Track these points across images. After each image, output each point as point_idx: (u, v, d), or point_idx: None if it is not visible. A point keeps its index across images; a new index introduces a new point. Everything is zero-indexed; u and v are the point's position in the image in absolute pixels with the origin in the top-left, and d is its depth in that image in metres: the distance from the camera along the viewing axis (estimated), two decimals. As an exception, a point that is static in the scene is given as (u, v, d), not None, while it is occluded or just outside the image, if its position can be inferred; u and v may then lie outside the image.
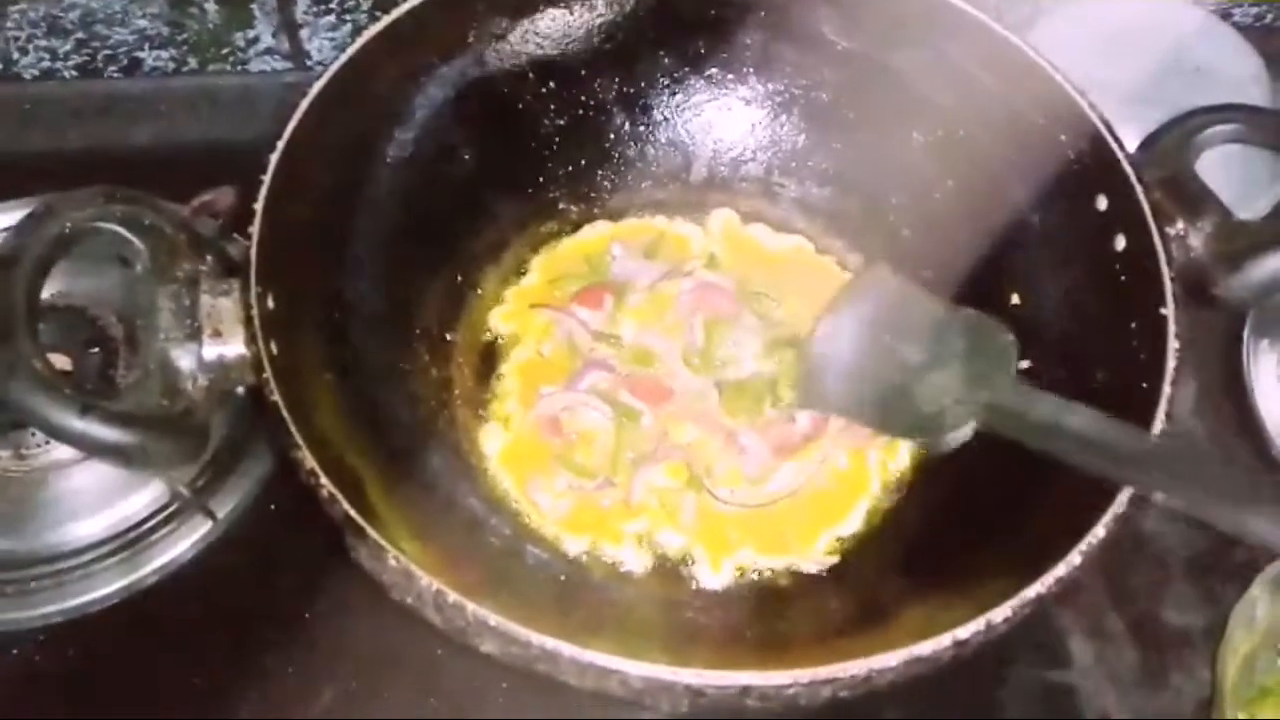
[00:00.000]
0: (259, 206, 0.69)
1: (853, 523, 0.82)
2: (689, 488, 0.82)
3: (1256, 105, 0.94)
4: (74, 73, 1.11)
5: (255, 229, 0.68)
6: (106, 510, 0.84)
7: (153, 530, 0.84)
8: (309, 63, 1.13)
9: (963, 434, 0.71)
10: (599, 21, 0.90)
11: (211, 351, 0.66)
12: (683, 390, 0.86)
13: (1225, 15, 1.16)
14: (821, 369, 0.77)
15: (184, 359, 0.66)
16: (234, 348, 0.66)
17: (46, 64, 1.10)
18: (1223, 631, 0.83)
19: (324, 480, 0.61)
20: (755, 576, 0.80)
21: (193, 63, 1.12)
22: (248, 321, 0.65)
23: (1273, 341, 0.97)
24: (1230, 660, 0.81)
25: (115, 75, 1.12)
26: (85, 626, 0.82)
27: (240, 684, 0.80)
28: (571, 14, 0.89)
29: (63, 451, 0.83)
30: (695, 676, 0.57)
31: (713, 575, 0.79)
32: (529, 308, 0.90)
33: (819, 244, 0.96)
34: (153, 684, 0.81)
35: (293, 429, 0.62)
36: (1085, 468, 0.65)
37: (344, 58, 0.77)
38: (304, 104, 0.74)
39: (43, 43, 1.08)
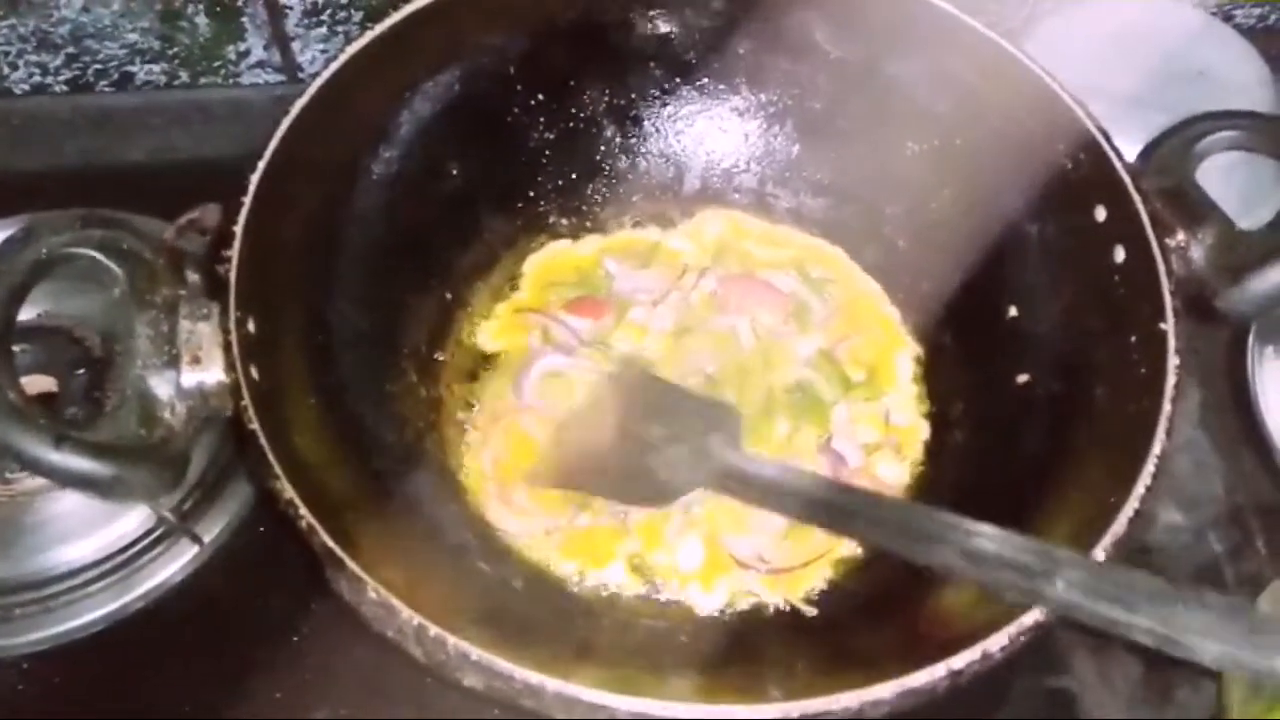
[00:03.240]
0: (238, 228, 0.68)
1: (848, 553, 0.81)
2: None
3: (1259, 111, 0.93)
4: (65, 88, 1.11)
5: (235, 251, 0.67)
6: (92, 535, 0.83)
7: (139, 555, 0.83)
8: (301, 75, 1.12)
9: (691, 496, 0.79)
10: (588, 32, 0.89)
11: (190, 379, 0.65)
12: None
13: (1227, 17, 1.14)
14: (572, 452, 0.82)
15: (162, 387, 0.64)
16: (213, 374, 0.65)
17: (37, 79, 1.10)
18: (1229, 647, 0.82)
19: (303, 511, 0.60)
20: (748, 603, 0.79)
21: (184, 76, 1.11)
22: (227, 347, 0.64)
23: (1278, 351, 0.96)
24: (1235, 675, 0.80)
25: (106, 90, 1.11)
26: (71, 652, 0.81)
27: (228, 709, 0.79)
28: (559, 25, 0.88)
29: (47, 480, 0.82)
30: (683, 710, 0.56)
31: (705, 598, 0.78)
32: (514, 313, 0.90)
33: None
34: (140, 709, 0.80)
35: (271, 459, 0.61)
36: (815, 523, 0.74)
37: (327, 74, 0.76)
38: (286, 122, 0.73)
39: (33, 58, 1.08)
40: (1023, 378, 0.81)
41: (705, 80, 0.93)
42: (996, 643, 0.59)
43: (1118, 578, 0.58)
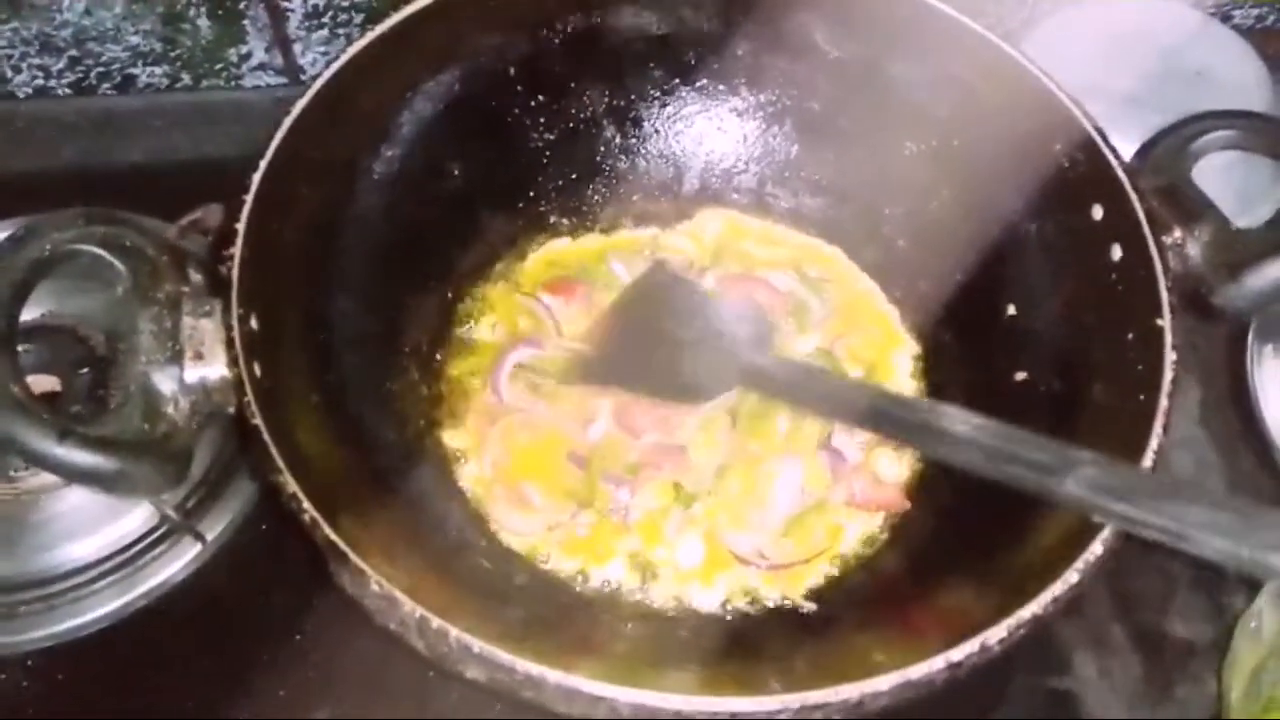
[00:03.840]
0: (241, 226, 0.68)
1: (848, 550, 0.82)
2: (678, 503, 0.81)
3: (1256, 111, 0.93)
4: (68, 90, 1.11)
5: (237, 249, 0.67)
6: (96, 533, 0.83)
7: (142, 553, 0.83)
8: (303, 78, 1.13)
9: (723, 395, 0.83)
10: (588, 34, 0.89)
11: (193, 374, 0.65)
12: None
13: (1225, 18, 1.15)
14: (608, 349, 0.85)
15: (165, 382, 0.65)
16: (216, 370, 0.65)
17: (40, 82, 1.10)
18: (1229, 643, 0.82)
19: (306, 505, 0.60)
20: (748, 599, 0.79)
21: (186, 79, 1.12)
22: (229, 344, 0.64)
23: (1277, 348, 0.96)
24: (1236, 672, 0.81)
25: (109, 92, 1.12)
26: (75, 650, 0.81)
27: (231, 706, 0.79)
28: (559, 27, 0.88)
29: (51, 474, 0.82)
30: (684, 703, 0.56)
31: (705, 594, 0.79)
32: (512, 295, 0.90)
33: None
34: (144, 707, 0.80)
35: (274, 453, 0.61)
36: (836, 418, 0.78)
37: (328, 74, 0.76)
38: (287, 122, 0.73)
39: (36, 60, 1.08)
40: (1021, 375, 0.81)
41: (705, 81, 0.93)
42: (995, 635, 0.59)
43: (1128, 476, 0.60)
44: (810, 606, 0.78)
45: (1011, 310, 0.84)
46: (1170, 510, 0.56)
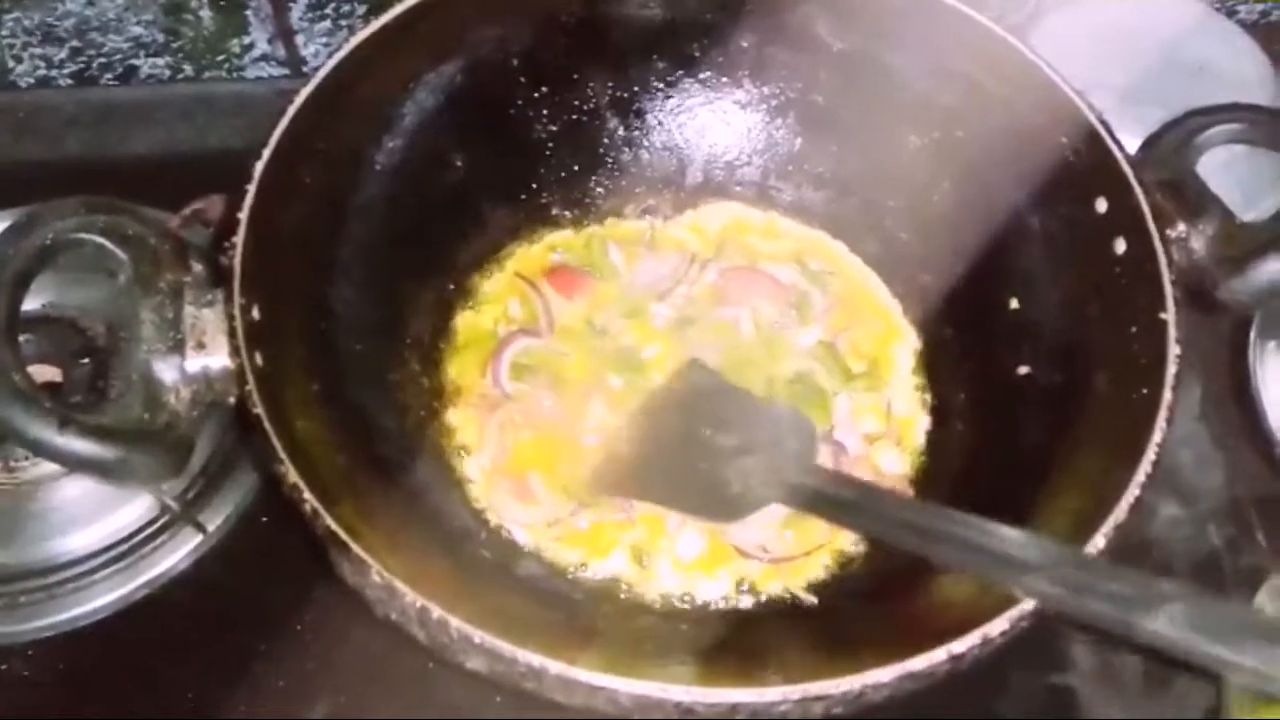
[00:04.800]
0: (243, 216, 0.68)
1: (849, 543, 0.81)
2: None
3: (1260, 104, 0.93)
4: (69, 81, 1.11)
5: (239, 239, 0.67)
6: (97, 523, 0.84)
7: (143, 543, 0.83)
8: (305, 69, 1.12)
9: (762, 511, 0.76)
10: (591, 24, 0.89)
11: (195, 364, 0.65)
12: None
13: (1230, 12, 1.14)
14: (637, 458, 0.80)
15: (166, 372, 0.64)
16: (218, 360, 0.65)
17: (42, 72, 1.10)
18: (1229, 639, 0.82)
19: (306, 495, 0.60)
20: (749, 592, 0.79)
21: (188, 70, 1.12)
22: (231, 333, 0.64)
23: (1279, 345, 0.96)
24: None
25: (111, 83, 1.12)
26: (76, 640, 0.81)
27: (232, 696, 0.79)
28: (562, 17, 0.88)
29: (52, 464, 0.82)
30: (685, 694, 0.56)
31: (707, 586, 0.78)
32: (513, 286, 0.90)
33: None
34: (144, 697, 0.80)
35: (275, 442, 0.61)
36: (893, 542, 0.68)
37: (330, 64, 0.76)
38: (290, 111, 0.73)
39: (38, 50, 1.08)
40: (1024, 369, 0.81)
41: (708, 73, 0.93)
42: (997, 627, 0.59)
43: (1226, 613, 0.56)
44: (811, 599, 0.78)
45: (1014, 303, 0.83)
46: (1270, 653, 0.52)
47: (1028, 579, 0.59)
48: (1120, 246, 0.75)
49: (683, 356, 0.87)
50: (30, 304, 0.69)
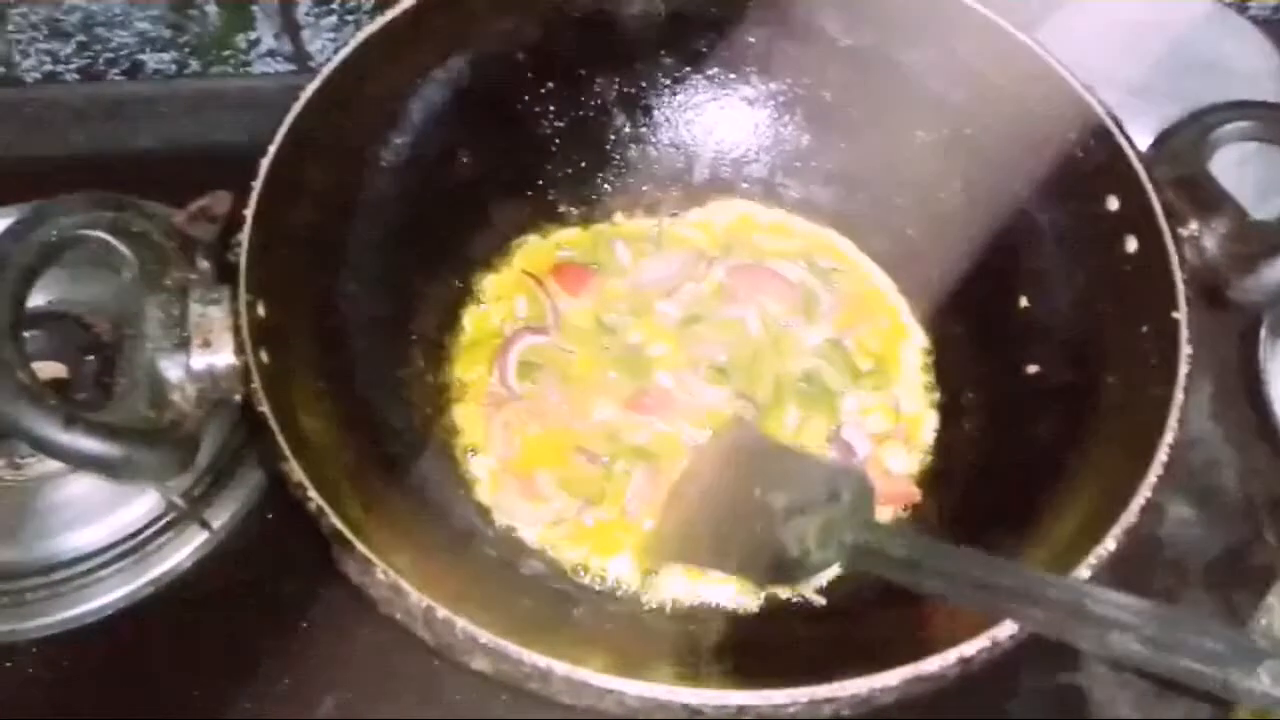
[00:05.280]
0: (249, 212, 0.68)
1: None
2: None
3: (1273, 101, 0.92)
4: (76, 76, 1.11)
5: (245, 236, 0.67)
6: (103, 521, 0.83)
7: (149, 541, 0.83)
8: (312, 64, 1.12)
9: (825, 574, 0.73)
10: (599, 21, 0.88)
11: (200, 361, 0.65)
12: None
13: (1241, 8, 1.14)
14: (687, 523, 0.77)
15: (172, 369, 0.64)
16: (224, 357, 0.65)
17: (48, 67, 1.10)
18: (1239, 640, 0.82)
19: (312, 493, 0.60)
20: (756, 593, 0.78)
21: (195, 65, 1.12)
22: (237, 330, 0.64)
23: (1290, 343, 0.95)
24: (1247, 671, 0.80)
25: (117, 78, 1.12)
26: (81, 638, 0.81)
27: (237, 695, 0.79)
28: (570, 14, 0.88)
29: (58, 461, 0.82)
30: (693, 696, 0.56)
31: (713, 588, 0.78)
32: (520, 283, 0.90)
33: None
34: (149, 695, 0.80)
35: (280, 440, 0.61)
36: (961, 602, 0.63)
37: (337, 60, 0.76)
38: (296, 108, 0.73)
39: (44, 46, 1.08)
40: (1033, 367, 0.81)
41: (716, 69, 0.92)
42: (1007, 630, 0.58)
43: None
44: (820, 600, 0.78)
45: (1024, 302, 0.83)
46: None
47: (1113, 637, 0.56)
48: (1131, 244, 0.74)
49: (690, 354, 0.86)
50: (37, 300, 0.69)
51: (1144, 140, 0.78)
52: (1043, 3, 1.02)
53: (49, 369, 0.86)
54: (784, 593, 0.77)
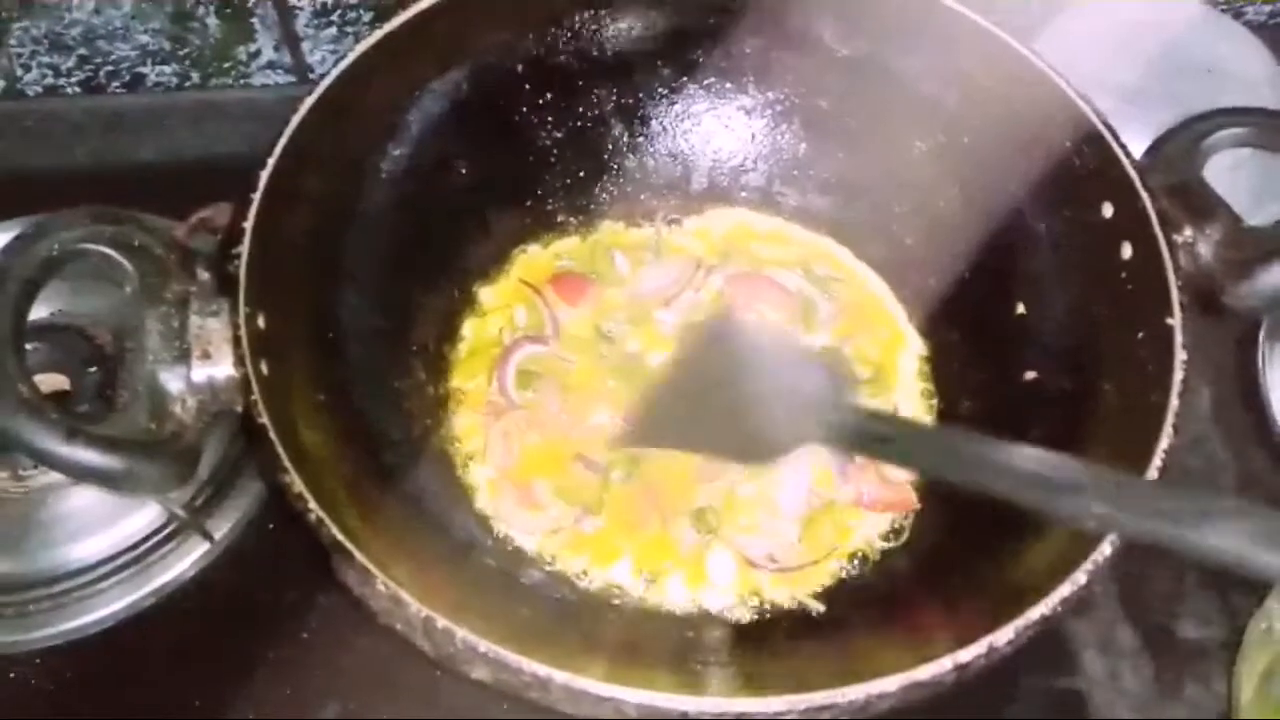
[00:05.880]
0: (248, 225, 0.68)
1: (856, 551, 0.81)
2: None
3: (1268, 107, 0.92)
4: (77, 89, 1.11)
5: (244, 248, 0.67)
6: (104, 532, 0.84)
7: (150, 552, 0.83)
8: (312, 76, 1.13)
9: (798, 451, 0.73)
10: (595, 32, 0.89)
11: (200, 373, 0.65)
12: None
13: (1238, 14, 1.14)
14: (666, 406, 0.78)
15: (172, 381, 0.65)
16: (223, 369, 0.65)
17: (50, 80, 1.10)
18: (1239, 644, 0.82)
19: (311, 504, 0.60)
20: (756, 600, 0.78)
21: (195, 78, 1.12)
22: (236, 342, 0.65)
23: (1289, 348, 0.96)
24: (1247, 674, 0.80)
25: (118, 91, 1.12)
26: (83, 648, 0.81)
27: (238, 704, 0.80)
28: (567, 25, 0.88)
29: (59, 473, 0.82)
30: (691, 704, 0.56)
31: (713, 595, 0.78)
32: (518, 293, 0.90)
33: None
34: (151, 705, 0.80)
35: (280, 451, 0.61)
36: (941, 474, 0.67)
37: (336, 71, 0.76)
38: (295, 119, 0.73)
39: (45, 59, 1.08)
40: (1030, 374, 0.81)
41: (713, 79, 0.93)
42: (1003, 637, 0.58)
43: (1273, 523, 0.54)
44: (819, 608, 0.78)
45: (1020, 309, 0.83)
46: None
47: (1077, 500, 0.58)
48: (1126, 251, 0.75)
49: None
50: (39, 312, 0.69)
51: (1139, 146, 0.78)
52: (1038, 10, 1.03)
53: (51, 381, 0.87)
54: (783, 601, 0.78)
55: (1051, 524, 0.68)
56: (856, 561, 0.81)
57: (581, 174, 0.94)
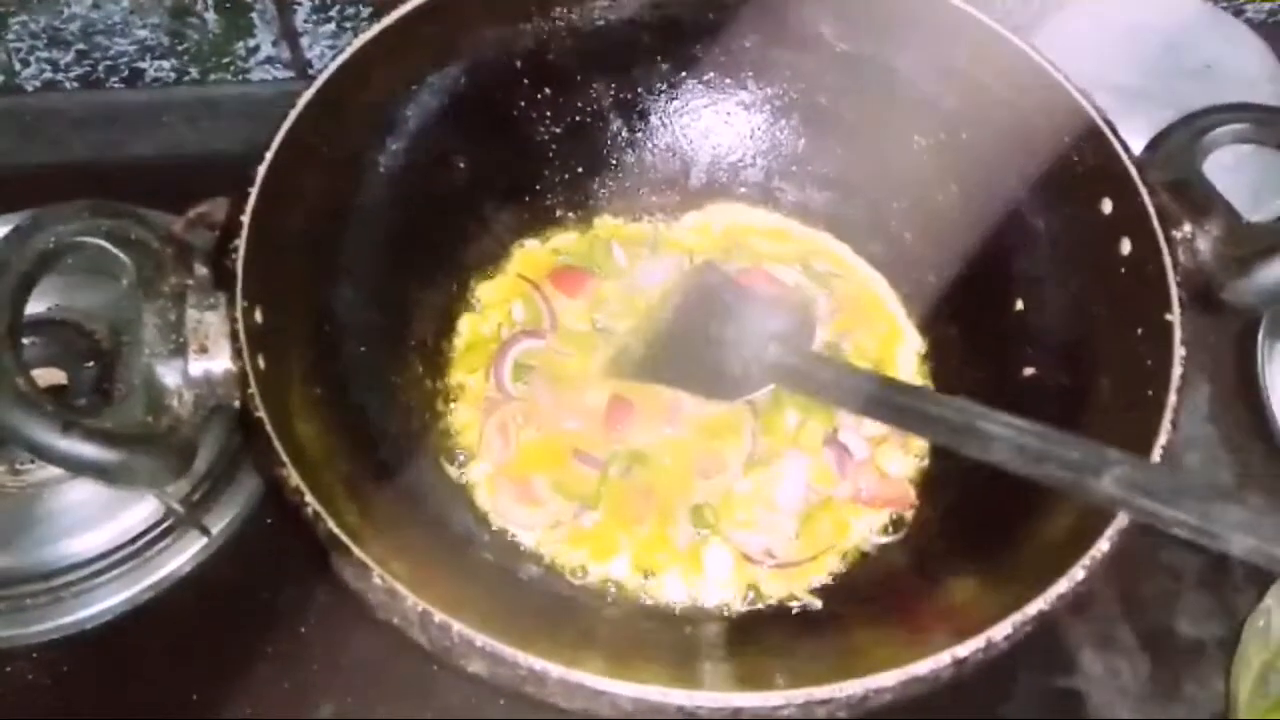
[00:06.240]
0: (245, 219, 0.68)
1: (854, 547, 0.81)
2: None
3: (1267, 104, 0.92)
4: (75, 84, 1.11)
5: (242, 242, 0.67)
6: (102, 527, 0.84)
7: (148, 546, 0.83)
8: (310, 71, 1.13)
9: (760, 391, 0.84)
10: (594, 26, 0.89)
11: (197, 367, 0.65)
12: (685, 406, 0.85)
13: (1238, 12, 1.14)
14: (651, 345, 0.86)
15: (169, 375, 0.64)
16: (220, 363, 0.65)
17: (48, 75, 1.11)
18: (1237, 642, 0.82)
19: (308, 498, 0.60)
20: (753, 596, 0.78)
21: (194, 73, 1.12)
22: (234, 336, 0.64)
23: (1288, 345, 0.96)
24: (1244, 672, 0.80)
25: (117, 86, 1.12)
26: (80, 643, 0.81)
27: (236, 699, 0.79)
28: (565, 20, 0.88)
29: (56, 467, 0.82)
30: (686, 698, 0.56)
31: (712, 590, 0.78)
32: (517, 288, 0.90)
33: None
34: (148, 700, 0.80)
35: (277, 446, 0.61)
36: (876, 418, 0.79)
37: (333, 66, 0.76)
38: (292, 114, 0.73)
39: (44, 54, 1.09)
40: (1029, 370, 0.81)
41: (711, 74, 0.93)
42: (1000, 632, 0.58)
43: (1159, 475, 0.62)
44: (816, 603, 0.78)
45: (1019, 304, 0.83)
46: (1201, 509, 0.59)
47: (992, 445, 0.66)
48: (1125, 247, 0.74)
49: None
50: (36, 306, 0.69)
51: (1139, 143, 0.78)
52: (1038, 7, 1.03)
53: (49, 375, 0.87)
54: (780, 597, 0.78)
55: (1045, 518, 0.68)
56: (854, 558, 0.81)
57: (580, 169, 0.94)
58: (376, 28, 0.79)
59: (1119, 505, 0.61)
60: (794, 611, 0.77)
